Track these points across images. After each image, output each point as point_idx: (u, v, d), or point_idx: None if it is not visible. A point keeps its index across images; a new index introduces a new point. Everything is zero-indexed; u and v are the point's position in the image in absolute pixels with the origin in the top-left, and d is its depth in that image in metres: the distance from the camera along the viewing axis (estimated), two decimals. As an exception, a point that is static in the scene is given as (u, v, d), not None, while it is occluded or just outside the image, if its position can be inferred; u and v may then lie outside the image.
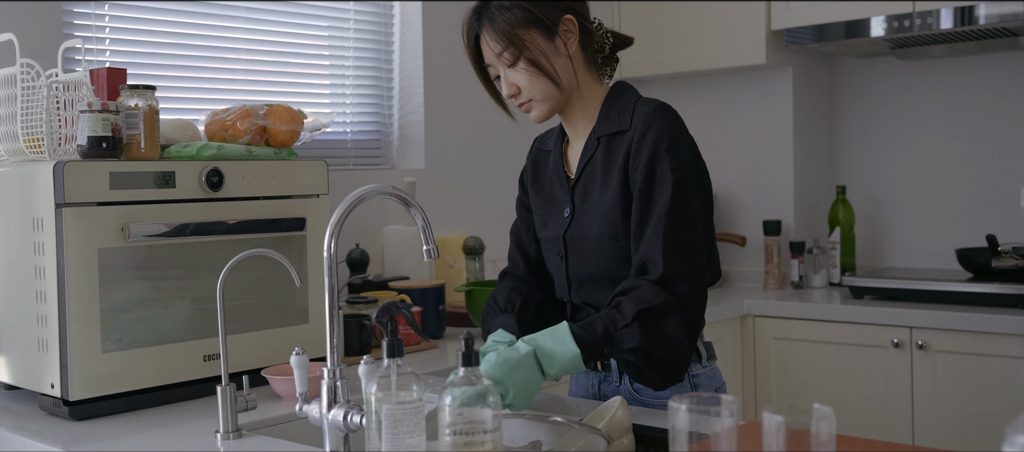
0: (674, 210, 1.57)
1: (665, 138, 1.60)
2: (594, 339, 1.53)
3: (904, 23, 2.94)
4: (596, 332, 1.53)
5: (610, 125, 1.69)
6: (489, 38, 1.66)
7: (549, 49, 1.65)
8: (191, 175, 1.87)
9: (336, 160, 2.90)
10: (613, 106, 1.70)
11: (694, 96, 3.62)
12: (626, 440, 1.38)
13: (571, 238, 1.71)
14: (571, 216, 1.72)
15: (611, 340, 1.53)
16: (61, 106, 1.83)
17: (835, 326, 2.93)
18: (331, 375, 1.37)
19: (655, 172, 1.59)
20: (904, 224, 3.44)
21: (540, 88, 1.66)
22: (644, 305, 1.53)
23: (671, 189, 1.57)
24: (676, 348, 1.55)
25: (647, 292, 1.54)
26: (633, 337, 1.53)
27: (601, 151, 1.69)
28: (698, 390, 1.70)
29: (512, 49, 1.64)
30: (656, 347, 1.54)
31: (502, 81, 1.69)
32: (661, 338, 1.53)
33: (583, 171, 1.71)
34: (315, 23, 2.89)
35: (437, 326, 2.52)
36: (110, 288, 1.76)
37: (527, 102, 1.69)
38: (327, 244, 1.38)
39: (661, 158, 1.59)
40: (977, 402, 2.68)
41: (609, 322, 1.54)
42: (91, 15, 2.37)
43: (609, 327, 1.54)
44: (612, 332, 1.53)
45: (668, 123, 1.62)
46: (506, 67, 1.67)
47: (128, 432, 1.67)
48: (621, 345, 1.54)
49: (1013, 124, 3.22)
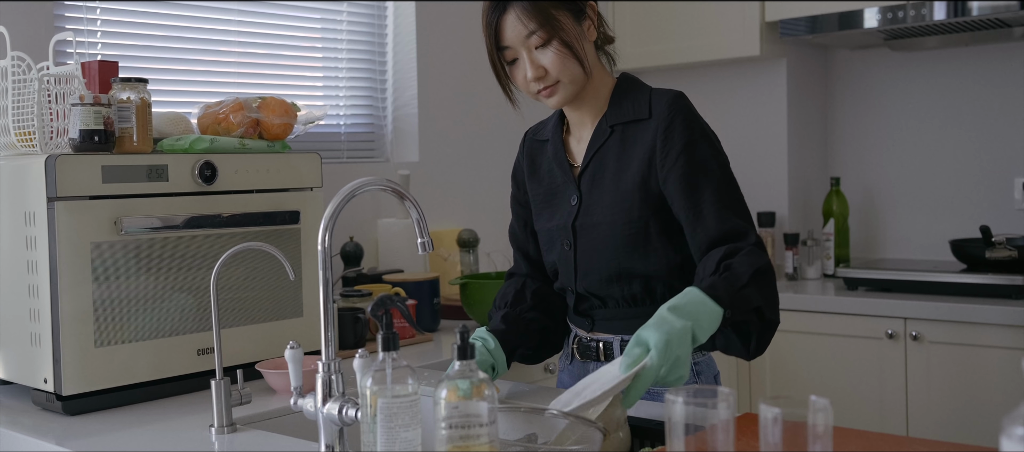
0: (728, 192, 1.61)
1: (696, 127, 1.63)
2: (720, 296, 1.46)
3: (897, 14, 2.94)
4: (719, 292, 1.47)
5: (624, 114, 1.69)
6: (522, 17, 1.61)
7: (577, 33, 1.65)
8: (184, 168, 1.86)
9: (330, 153, 2.89)
10: (625, 95, 1.71)
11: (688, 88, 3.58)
12: (622, 433, 1.37)
13: (580, 226, 1.70)
14: (579, 204, 1.71)
15: (734, 303, 1.47)
16: (53, 99, 1.82)
17: (829, 317, 2.94)
18: (326, 369, 1.37)
19: (695, 157, 1.61)
20: (898, 215, 3.45)
21: (570, 71, 1.64)
22: (758, 265, 1.52)
23: (719, 171, 1.61)
24: (777, 307, 1.56)
25: (755, 254, 1.54)
26: (754, 296, 1.49)
27: (615, 139, 1.69)
28: (699, 377, 1.70)
29: (547, 28, 1.61)
30: (768, 306, 1.53)
31: (525, 63, 1.64)
32: (772, 297, 1.54)
33: (593, 159, 1.71)
34: (308, 15, 2.87)
35: (432, 319, 2.52)
36: (103, 282, 1.75)
37: (553, 85, 1.65)
38: (321, 237, 1.38)
39: (698, 144, 1.62)
40: (971, 393, 2.69)
41: (728, 284, 1.48)
42: (83, 8, 2.36)
43: (730, 288, 1.48)
44: (733, 293, 1.47)
45: (693, 112, 1.66)
46: (533, 48, 1.63)
47: (122, 427, 1.66)
48: (744, 305, 1.48)
49: (1007, 115, 3.22)
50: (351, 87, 3.00)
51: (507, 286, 1.85)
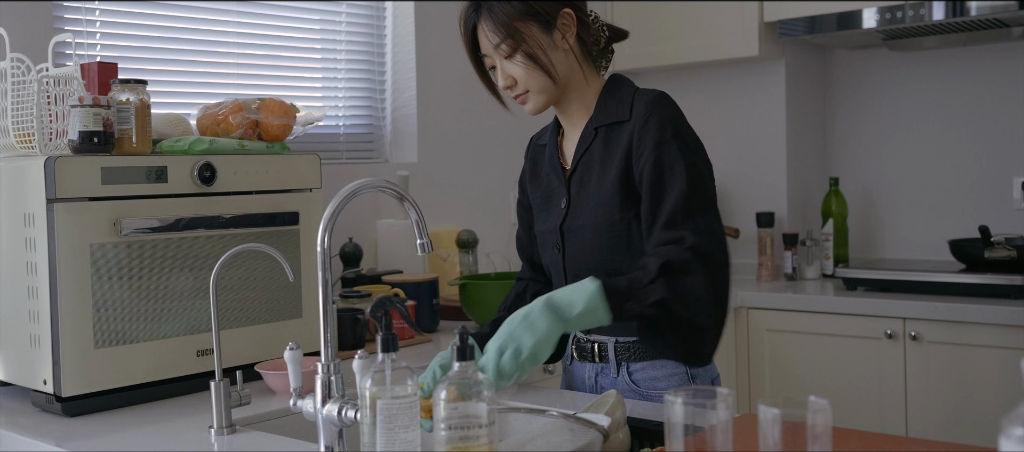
0: (691, 196, 1.56)
1: (670, 126, 1.60)
2: (617, 287, 1.47)
3: (896, 15, 2.94)
4: (619, 284, 1.48)
5: (608, 116, 1.69)
6: (487, 29, 1.65)
7: (546, 42, 1.66)
8: (183, 170, 1.86)
9: (329, 154, 2.89)
10: (611, 97, 1.71)
11: (687, 88, 3.62)
12: (622, 434, 1.37)
13: (568, 229, 1.71)
14: (567, 207, 1.72)
15: (634, 294, 1.47)
16: (52, 101, 1.82)
17: (828, 318, 2.94)
18: (325, 370, 1.37)
19: (664, 159, 1.58)
20: (897, 215, 3.45)
21: (536, 81, 1.66)
22: (667, 259, 1.49)
23: (685, 174, 1.57)
24: (700, 308, 1.50)
25: (672, 251, 1.51)
26: (657, 291, 1.47)
27: (599, 141, 1.69)
28: (695, 380, 1.70)
29: (510, 41, 1.64)
30: (679, 304, 1.48)
31: (498, 72, 1.69)
32: (685, 295, 1.48)
33: (579, 162, 1.71)
34: (307, 17, 2.88)
35: (431, 320, 2.52)
36: (102, 283, 1.75)
37: (523, 94, 1.69)
38: (320, 238, 1.38)
39: (668, 145, 1.59)
40: (970, 393, 2.69)
41: (633, 279, 1.49)
42: (82, 9, 2.36)
43: (632, 283, 1.48)
44: (635, 287, 1.48)
45: (671, 112, 1.62)
46: (503, 59, 1.67)
47: (121, 428, 1.66)
48: (645, 299, 1.48)
49: (1005, 115, 3.22)
50: (350, 88, 3.00)
51: (511, 290, 1.86)
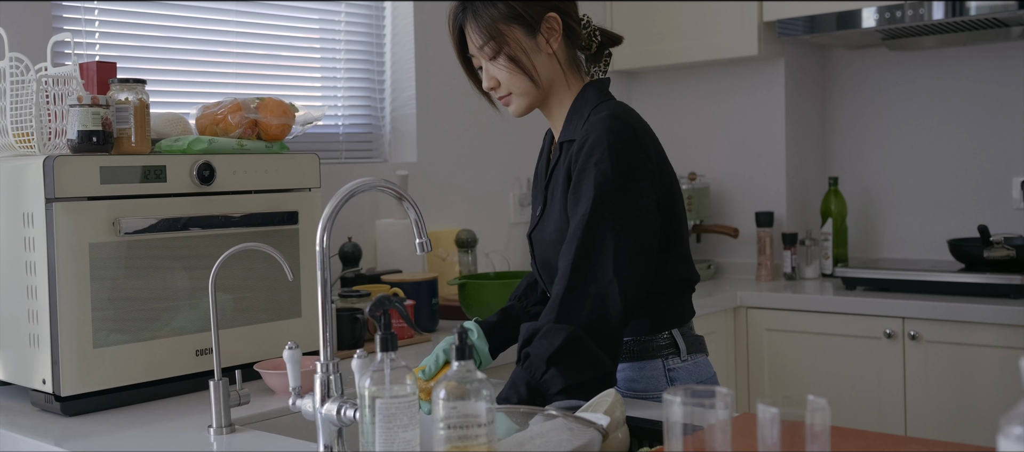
0: (588, 228, 1.55)
1: (596, 152, 1.57)
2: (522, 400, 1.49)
3: (895, 14, 2.94)
4: (521, 393, 1.49)
5: (569, 132, 1.69)
6: (472, 31, 1.67)
7: (530, 46, 1.66)
8: (182, 169, 1.86)
9: (328, 153, 2.89)
10: (575, 112, 1.70)
11: (686, 88, 3.62)
12: (620, 434, 1.37)
13: (536, 238, 1.74)
14: (540, 216, 1.74)
15: (540, 391, 1.49)
16: (51, 100, 1.82)
17: (828, 317, 2.94)
18: (324, 369, 1.37)
19: (580, 187, 1.58)
20: (896, 215, 3.45)
21: (518, 84, 1.68)
22: (551, 350, 1.48)
23: (594, 203, 1.55)
24: (601, 365, 1.51)
25: (549, 335, 1.50)
26: (556, 380, 1.48)
27: (563, 156, 1.69)
28: (675, 383, 1.68)
29: (493, 44, 1.65)
30: (582, 374, 1.49)
31: (484, 73, 1.71)
32: (582, 365, 1.49)
33: (552, 174, 1.72)
34: (306, 16, 2.87)
35: (430, 319, 2.52)
36: (101, 283, 1.75)
37: (506, 96, 1.71)
38: (319, 238, 1.38)
39: (587, 172, 1.57)
40: (969, 392, 2.69)
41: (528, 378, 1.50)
42: (81, 8, 2.35)
43: (531, 382, 1.50)
44: (535, 386, 1.49)
45: (604, 135, 1.58)
46: (487, 60, 1.68)
47: (120, 427, 1.66)
48: (550, 390, 1.49)
49: (1005, 114, 3.22)
50: (349, 87, 3.00)
51: (524, 279, 1.88)
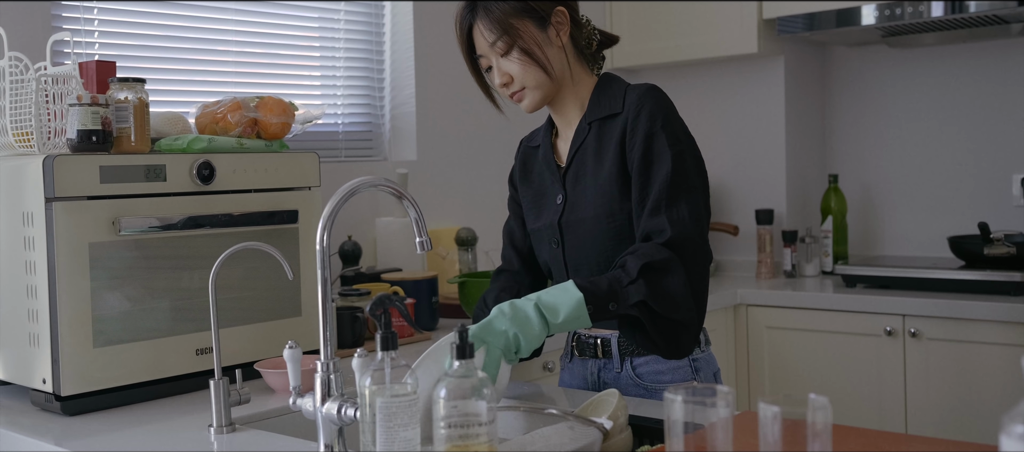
0: (674, 184, 1.60)
1: (660, 116, 1.64)
2: (598, 290, 1.52)
3: (895, 11, 2.94)
4: (600, 286, 1.52)
5: (601, 110, 1.72)
6: (483, 27, 1.68)
7: (541, 39, 1.69)
8: (182, 168, 1.86)
9: (328, 152, 2.89)
10: (603, 93, 1.74)
11: (686, 85, 3.61)
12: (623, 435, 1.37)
13: (566, 223, 1.73)
14: (564, 202, 1.73)
15: (616, 296, 1.52)
16: (50, 100, 1.82)
17: (828, 315, 2.94)
18: (325, 368, 1.36)
19: (652, 148, 1.63)
20: (896, 212, 3.45)
21: (532, 77, 1.69)
22: (648, 260, 1.54)
23: (670, 163, 1.61)
24: (680, 306, 1.56)
25: (652, 250, 1.56)
26: (638, 291, 1.52)
27: (593, 135, 1.72)
28: (698, 374, 1.72)
29: (506, 38, 1.67)
30: (660, 302, 1.54)
31: (494, 71, 1.72)
32: (665, 294, 1.54)
33: (574, 157, 1.73)
34: (306, 15, 2.87)
35: (430, 318, 2.52)
36: (101, 282, 1.75)
37: (519, 91, 1.72)
38: (319, 237, 1.38)
39: (657, 135, 1.63)
40: (970, 390, 2.69)
41: (614, 279, 1.54)
42: (80, 8, 2.35)
43: (614, 284, 1.53)
44: (617, 288, 1.53)
45: (661, 103, 1.66)
46: (499, 56, 1.69)
47: (120, 427, 1.66)
48: (626, 300, 1.53)
49: (1005, 112, 3.22)
50: (349, 86, 3.00)
51: (496, 282, 1.86)
